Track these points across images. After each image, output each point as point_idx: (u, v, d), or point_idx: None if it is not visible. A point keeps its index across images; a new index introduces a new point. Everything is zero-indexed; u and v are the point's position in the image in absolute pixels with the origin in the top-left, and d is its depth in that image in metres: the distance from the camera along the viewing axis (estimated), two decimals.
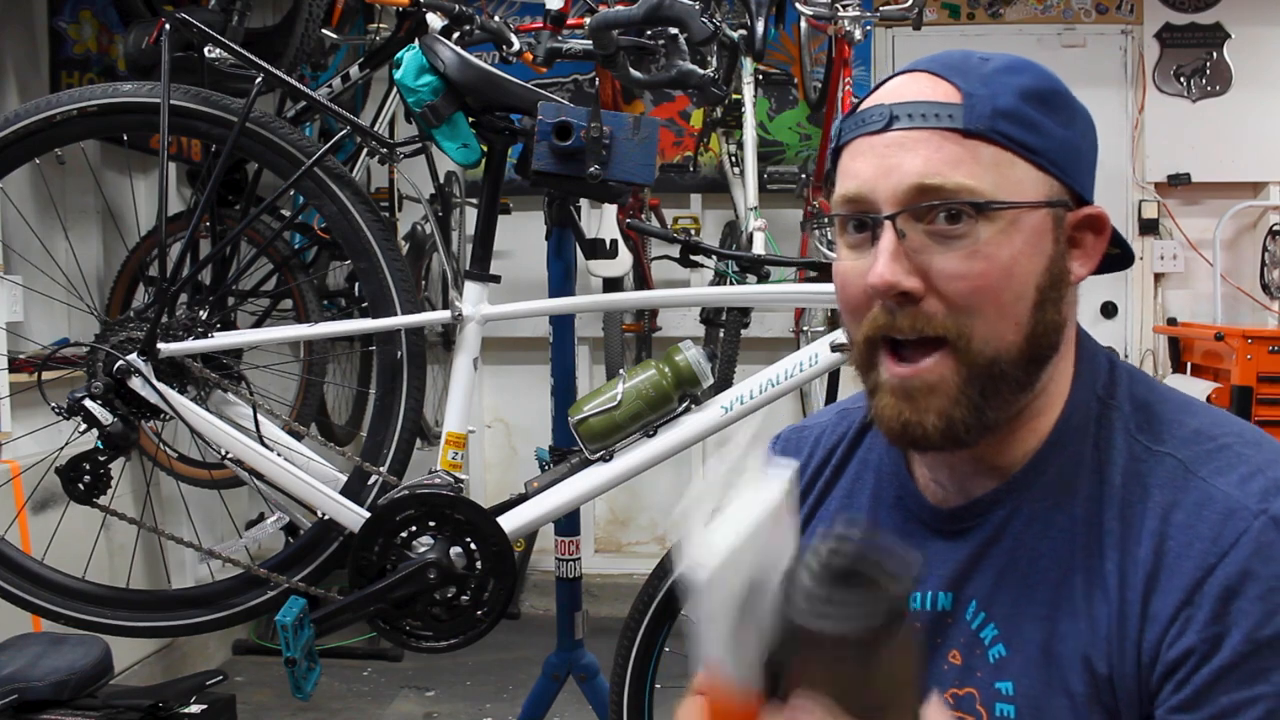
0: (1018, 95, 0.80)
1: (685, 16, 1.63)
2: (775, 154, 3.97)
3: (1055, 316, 0.82)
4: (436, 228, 3.22)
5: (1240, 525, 0.75)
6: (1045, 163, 0.81)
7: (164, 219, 1.85)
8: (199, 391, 1.82)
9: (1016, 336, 0.80)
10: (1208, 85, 3.91)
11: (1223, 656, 0.73)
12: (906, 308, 0.80)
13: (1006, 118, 0.79)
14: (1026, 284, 0.80)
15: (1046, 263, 0.81)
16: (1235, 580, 0.74)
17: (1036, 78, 0.82)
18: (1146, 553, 0.78)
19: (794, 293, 2.09)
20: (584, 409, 1.68)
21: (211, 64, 2.13)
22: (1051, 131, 0.81)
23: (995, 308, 0.79)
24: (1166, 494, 0.78)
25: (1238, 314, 3.92)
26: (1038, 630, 0.81)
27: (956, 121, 0.79)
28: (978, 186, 0.78)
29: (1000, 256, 0.78)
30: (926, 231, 0.79)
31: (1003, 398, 0.81)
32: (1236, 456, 0.78)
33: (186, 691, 2.20)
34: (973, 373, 0.80)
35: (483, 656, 3.26)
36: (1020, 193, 0.79)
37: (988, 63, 0.83)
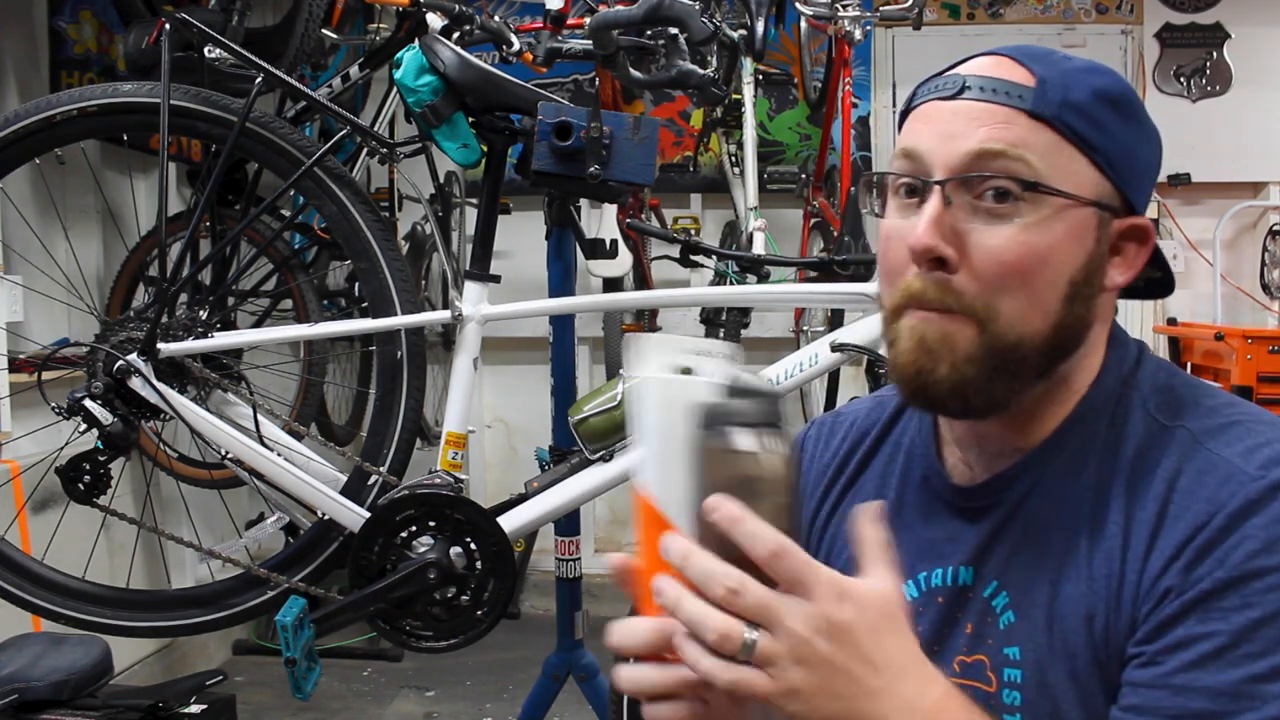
0: (1091, 92, 0.81)
1: (685, 16, 1.63)
2: (775, 154, 3.97)
3: (1084, 314, 0.83)
4: (436, 228, 3.22)
5: (1236, 487, 0.77)
6: (1103, 162, 0.81)
7: (164, 219, 1.85)
8: (199, 391, 1.82)
9: (1043, 324, 0.81)
10: (1208, 85, 3.91)
11: (1188, 595, 0.75)
12: (939, 277, 0.81)
13: (1075, 109, 0.80)
14: (1060, 274, 0.80)
15: (1084, 259, 0.81)
16: (1218, 532, 0.76)
17: (1114, 82, 0.84)
18: (1149, 515, 0.79)
19: (794, 293, 2.09)
20: (584, 409, 1.68)
21: (211, 64, 2.14)
22: (1116, 134, 0.82)
23: (1026, 291, 0.80)
24: (1174, 461, 0.81)
25: (1238, 314, 3.93)
26: (1043, 595, 0.83)
27: (1026, 102, 0.80)
28: (1037, 165, 0.79)
29: (1039, 241, 0.79)
30: (973, 204, 0.80)
31: (1018, 380, 0.82)
32: (1247, 431, 0.80)
33: (186, 691, 2.20)
34: (993, 349, 0.81)
35: (483, 656, 3.25)
36: (1072, 184, 0.80)
37: (1070, 60, 0.85)
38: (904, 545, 0.92)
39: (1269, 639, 0.73)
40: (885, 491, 0.96)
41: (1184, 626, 0.75)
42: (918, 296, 0.82)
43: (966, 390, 0.82)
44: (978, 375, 0.81)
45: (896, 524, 0.93)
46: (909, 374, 0.83)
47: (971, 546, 0.89)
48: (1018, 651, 0.84)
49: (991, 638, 0.86)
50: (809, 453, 1.05)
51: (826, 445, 1.03)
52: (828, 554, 0.99)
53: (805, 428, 1.08)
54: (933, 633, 0.91)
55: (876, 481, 0.98)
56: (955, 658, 0.89)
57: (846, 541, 0.95)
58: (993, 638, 0.86)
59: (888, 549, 0.69)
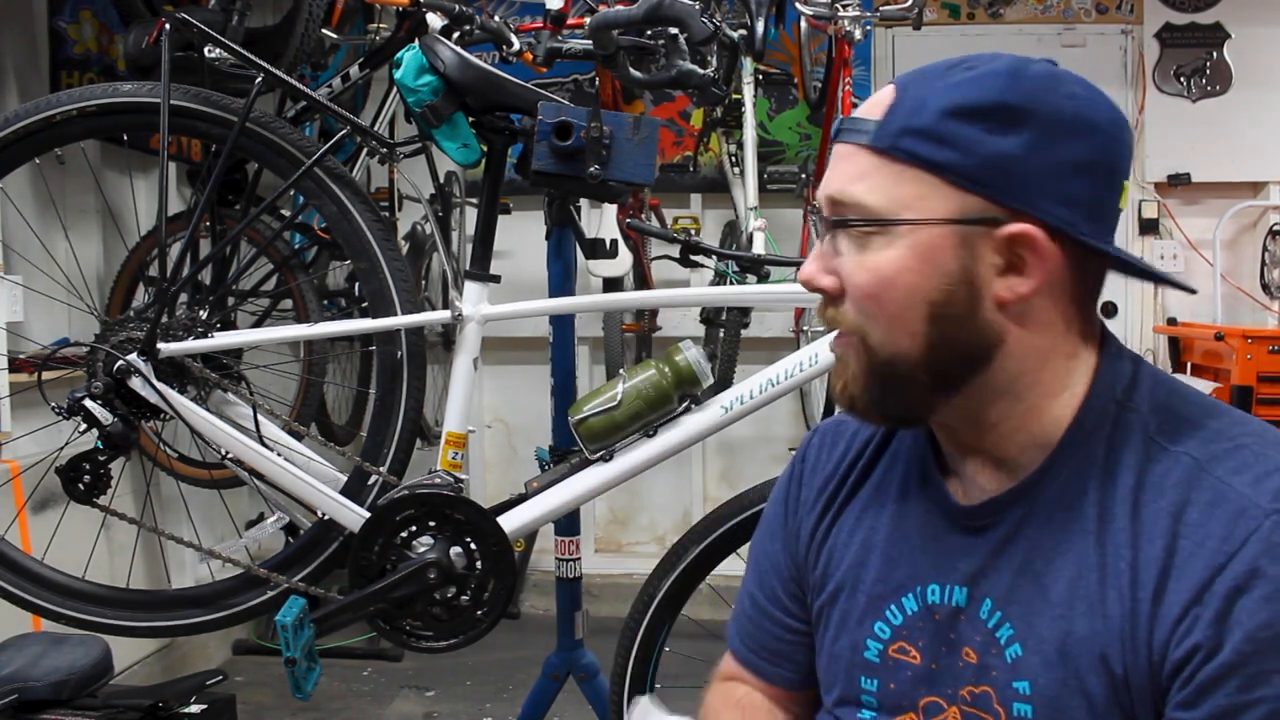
0: (943, 111, 0.81)
1: (685, 16, 1.62)
2: (775, 154, 3.97)
3: (962, 334, 0.83)
4: (436, 228, 3.22)
5: (1251, 524, 0.75)
6: (958, 179, 0.81)
7: (164, 219, 1.85)
8: (199, 391, 1.82)
9: (911, 344, 0.84)
10: (1208, 85, 3.91)
11: (1225, 655, 0.73)
12: (830, 305, 0.89)
13: (915, 134, 0.82)
14: (914, 297, 0.83)
15: (941, 279, 0.82)
16: (1243, 579, 0.74)
17: (985, 92, 0.81)
18: (1158, 551, 0.78)
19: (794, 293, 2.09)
20: (584, 409, 1.68)
21: (211, 64, 2.13)
22: (975, 148, 0.81)
23: (884, 316, 0.84)
24: (1180, 492, 0.79)
25: (1238, 314, 3.92)
26: (1053, 630, 0.82)
27: (868, 137, 0.84)
28: (868, 202, 0.83)
29: (884, 268, 0.83)
30: (845, 237, 0.86)
31: (909, 395, 0.87)
32: (1254, 456, 0.79)
33: (186, 691, 2.20)
34: (872, 367, 0.87)
35: (483, 656, 3.25)
36: (917, 209, 0.82)
37: (950, 75, 0.83)
38: (905, 558, 0.92)
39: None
40: (884, 502, 0.97)
41: (1225, 694, 0.73)
42: (823, 319, 0.91)
43: (859, 403, 0.89)
44: (865, 390, 0.88)
45: (896, 536, 0.94)
46: (832, 389, 0.91)
47: (968, 566, 0.88)
48: (1028, 686, 0.83)
49: (997, 670, 0.85)
50: (810, 461, 1.06)
51: (829, 455, 1.04)
52: (825, 565, 1.00)
53: (809, 435, 1.10)
54: (930, 652, 0.90)
55: (874, 492, 0.98)
56: (963, 688, 0.88)
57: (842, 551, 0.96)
58: (998, 670, 0.85)
59: None
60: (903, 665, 0.92)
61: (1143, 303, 3.98)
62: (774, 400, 1.70)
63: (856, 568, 0.96)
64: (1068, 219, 0.81)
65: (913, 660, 0.91)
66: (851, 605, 0.96)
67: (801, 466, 1.07)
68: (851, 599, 0.96)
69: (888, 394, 0.87)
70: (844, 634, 0.96)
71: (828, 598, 0.99)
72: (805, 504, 1.04)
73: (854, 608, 0.96)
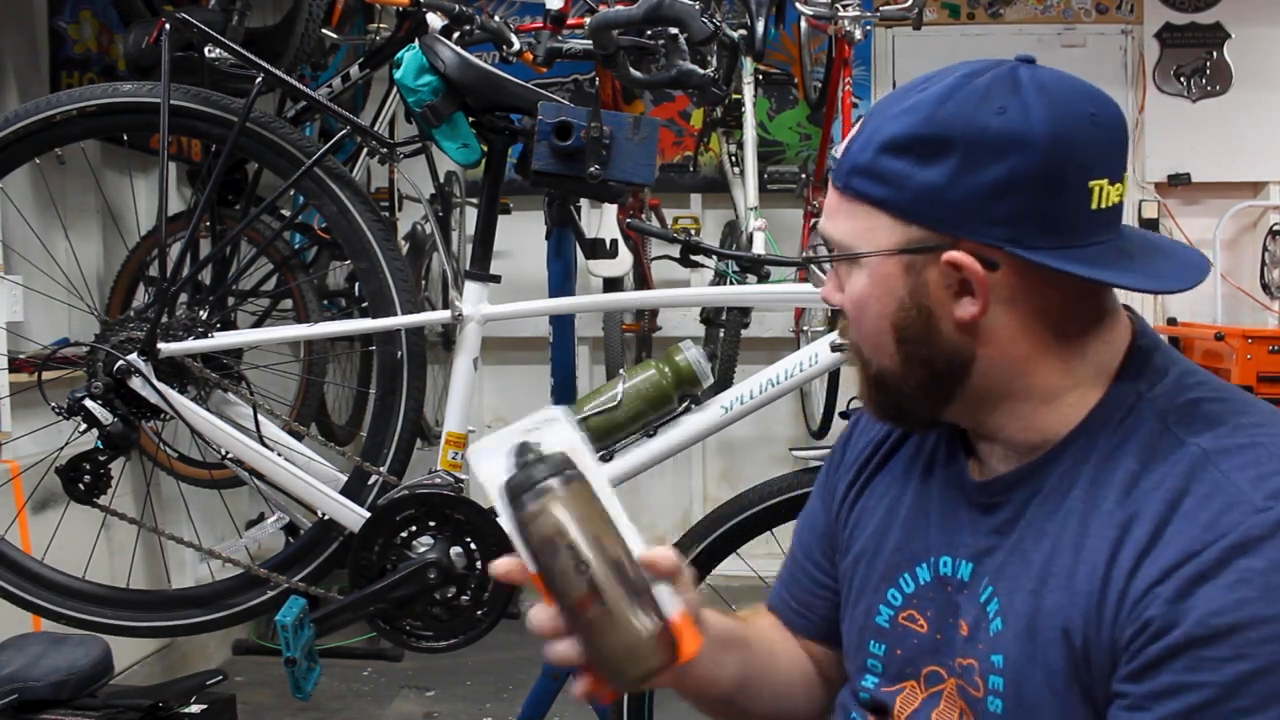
0: (879, 147, 0.85)
1: (685, 16, 1.62)
2: (775, 154, 3.97)
3: (929, 352, 0.87)
4: (436, 228, 3.22)
5: (1236, 518, 0.75)
6: (897, 213, 0.85)
7: (164, 219, 1.85)
8: (199, 391, 1.82)
9: (891, 362, 0.90)
10: (1208, 85, 3.91)
11: (1175, 635, 0.74)
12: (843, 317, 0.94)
13: (859, 173, 0.87)
14: (881, 319, 0.89)
15: (897, 305, 0.87)
16: (1210, 566, 0.74)
17: (913, 125, 0.83)
18: (1143, 533, 0.78)
19: (794, 293, 2.09)
20: (584, 409, 1.68)
21: (211, 64, 2.13)
22: (907, 181, 0.83)
23: (865, 335, 0.91)
24: (1181, 481, 0.79)
25: (1238, 314, 3.93)
26: (1026, 605, 0.84)
27: (835, 176, 0.91)
28: (834, 237, 0.90)
29: (856, 294, 0.90)
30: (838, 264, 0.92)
31: (907, 403, 0.92)
32: (1267, 455, 0.78)
33: (186, 691, 2.20)
34: (869, 380, 0.94)
35: (483, 656, 3.25)
36: (870, 241, 0.87)
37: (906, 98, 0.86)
38: (923, 530, 0.96)
39: (1261, 693, 0.71)
40: (912, 474, 1.01)
41: (1171, 672, 0.74)
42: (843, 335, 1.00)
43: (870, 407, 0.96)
44: (870, 398, 0.95)
45: (918, 508, 0.98)
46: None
47: (976, 542, 0.91)
48: (1001, 660, 0.85)
49: (982, 643, 0.87)
50: (861, 425, 1.11)
51: (865, 432, 1.09)
52: (853, 527, 1.04)
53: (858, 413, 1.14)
54: (936, 622, 0.93)
55: (902, 467, 1.02)
56: (955, 659, 0.90)
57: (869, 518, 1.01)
58: (983, 643, 0.87)
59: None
60: (910, 633, 0.94)
61: (1142, 302, 3.97)
62: (774, 400, 1.70)
63: (879, 535, 1.00)
64: (1008, 236, 0.82)
65: (920, 629, 0.94)
66: (871, 571, 1.00)
67: (854, 429, 1.12)
68: (871, 565, 1.00)
69: (887, 401, 0.94)
70: (862, 598, 1.00)
71: (852, 560, 1.03)
72: (846, 465, 1.08)
73: (873, 574, 0.99)
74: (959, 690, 0.90)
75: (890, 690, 0.95)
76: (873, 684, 0.97)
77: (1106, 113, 0.84)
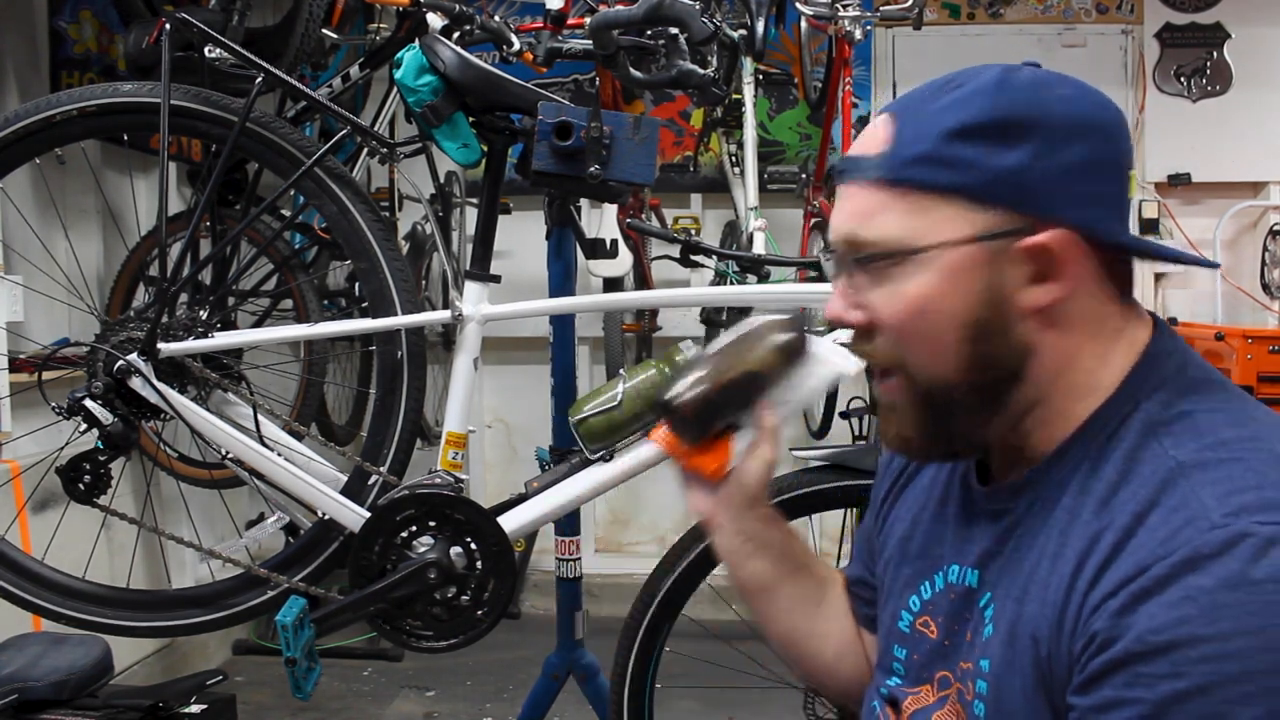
0: (945, 135, 0.82)
1: (685, 16, 1.62)
2: (775, 154, 3.97)
3: (998, 350, 0.84)
4: (436, 228, 3.22)
5: (1192, 534, 0.73)
6: (973, 199, 0.82)
7: (164, 219, 1.85)
8: (199, 391, 1.81)
9: (949, 369, 0.85)
10: (1208, 85, 3.91)
11: (1115, 650, 0.73)
12: (863, 338, 0.89)
13: (920, 162, 0.83)
14: (949, 320, 0.84)
15: (972, 299, 0.83)
16: (1156, 581, 0.72)
17: (981, 111, 0.82)
18: (1107, 545, 0.77)
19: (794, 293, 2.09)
20: (584, 409, 1.68)
21: (211, 64, 2.13)
22: (983, 165, 0.81)
23: (920, 343, 0.85)
24: (1151, 493, 0.77)
25: (1238, 314, 3.93)
26: (1012, 612, 0.84)
27: (878, 172, 0.85)
28: (888, 236, 0.84)
29: (915, 296, 0.84)
30: (866, 273, 0.86)
31: (960, 419, 0.88)
32: (1244, 470, 0.76)
33: (186, 691, 2.20)
34: (919, 398, 0.88)
35: (483, 656, 3.25)
36: (937, 234, 0.83)
37: (939, 99, 0.84)
38: (945, 540, 0.97)
39: (1195, 714, 0.69)
40: (934, 488, 1.01)
41: (1110, 686, 0.73)
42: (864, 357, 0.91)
43: (912, 448, 0.91)
44: (918, 426, 0.89)
45: (939, 519, 0.98)
46: (883, 436, 0.93)
47: (981, 549, 0.91)
48: (988, 664, 0.85)
49: (977, 648, 0.88)
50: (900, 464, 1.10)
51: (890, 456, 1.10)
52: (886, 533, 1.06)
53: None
54: (945, 629, 0.93)
55: (930, 476, 1.03)
56: (959, 664, 0.90)
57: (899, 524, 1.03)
58: (978, 648, 0.87)
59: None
60: (924, 638, 0.95)
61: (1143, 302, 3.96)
62: None
63: (904, 541, 1.01)
64: (1088, 218, 0.82)
65: (931, 635, 0.94)
66: (897, 576, 1.01)
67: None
68: (898, 571, 1.01)
69: (940, 423, 0.88)
70: (889, 602, 1.01)
71: (883, 565, 1.05)
72: (890, 471, 1.09)
73: (899, 579, 1.00)
74: (958, 694, 0.90)
75: (908, 690, 0.96)
76: (895, 684, 0.98)
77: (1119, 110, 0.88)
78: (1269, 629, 0.68)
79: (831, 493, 1.71)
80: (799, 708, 1.83)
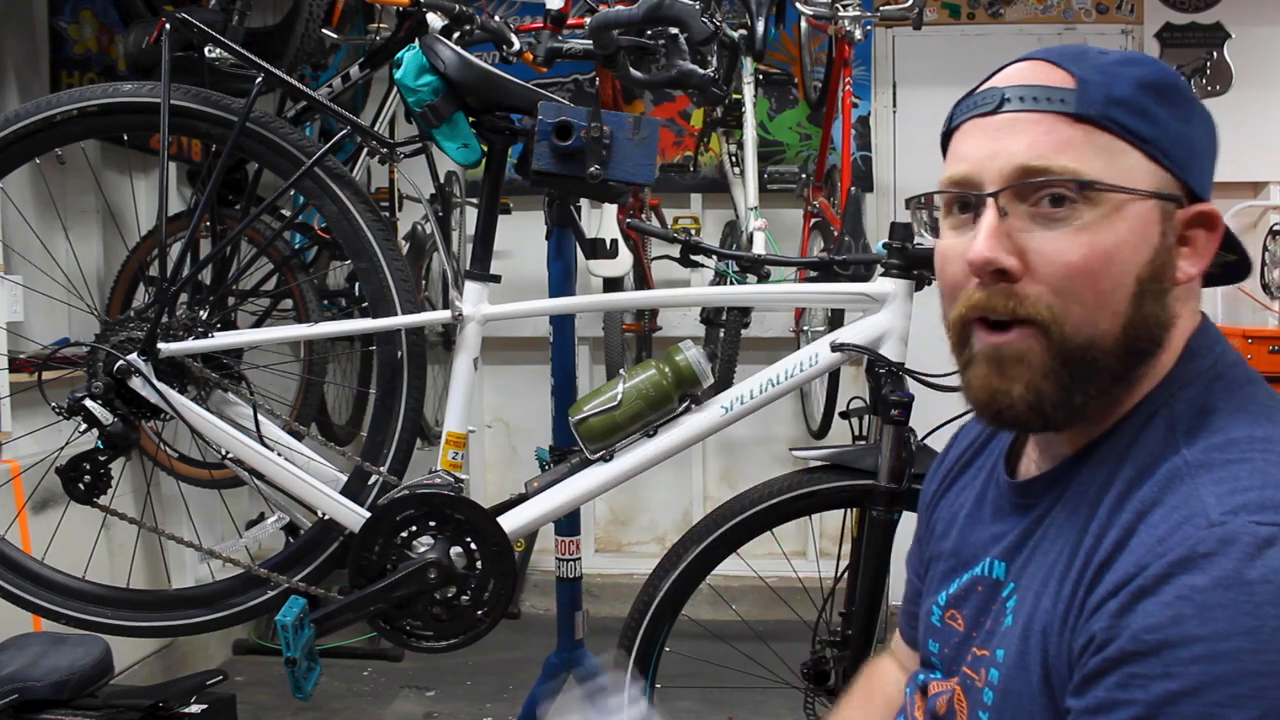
0: (1134, 84, 0.81)
1: (685, 16, 1.62)
2: (775, 154, 3.97)
3: (1157, 311, 0.81)
4: (436, 228, 3.22)
5: (1189, 532, 0.72)
6: (1158, 154, 0.81)
7: (164, 219, 1.85)
8: (199, 391, 1.82)
9: (1112, 325, 0.80)
10: (1208, 85, 3.91)
11: (1110, 650, 0.72)
12: (1003, 287, 0.81)
13: (1120, 105, 0.80)
14: (1127, 273, 0.79)
15: (1150, 254, 0.80)
16: (1153, 581, 0.72)
17: (1156, 71, 0.83)
18: (1111, 543, 0.77)
19: (794, 293, 2.09)
20: (584, 409, 1.68)
21: (212, 64, 2.13)
22: (1167, 124, 0.81)
23: (1093, 293, 0.79)
24: (1156, 492, 0.76)
25: (1238, 314, 3.92)
26: (1030, 605, 0.84)
27: (1069, 105, 0.80)
28: (1084, 170, 0.78)
29: (1102, 241, 0.78)
30: (1029, 212, 0.80)
31: (1094, 385, 0.81)
32: (1250, 471, 0.74)
33: (186, 691, 2.21)
34: (1064, 356, 0.80)
35: (483, 656, 3.26)
36: (1130, 180, 0.79)
37: (1105, 55, 0.84)
38: (977, 535, 0.97)
39: (1188, 715, 0.68)
40: (976, 479, 1.01)
41: (1104, 688, 0.72)
42: (981, 306, 0.82)
43: (1044, 405, 0.82)
44: (1054, 387, 0.81)
45: (975, 515, 0.99)
46: (982, 397, 0.84)
47: (1009, 542, 0.91)
48: (1002, 654, 0.85)
49: (995, 636, 0.88)
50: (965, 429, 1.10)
51: (957, 444, 1.10)
52: (931, 530, 1.06)
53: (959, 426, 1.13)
54: (971, 619, 0.94)
55: (973, 476, 1.02)
56: (974, 649, 0.91)
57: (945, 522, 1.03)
58: (995, 636, 0.88)
59: None
60: (953, 631, 0.95)
61: None
62: (774, 400, 1.70)
63: (942, 539, 1.02)
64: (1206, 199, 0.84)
65: (958, 627, 0.95)
66: (935, 572, 1.01)
67: (959, 433, 1.11)
68: (936, 567, 1.01)
69: (1077, 385, 0.81)
70: (926, 599, 1.02)
71: (927, 563, 1.05)
72: (940, 469, 1.09)
73: (936, 574, 1.01)
74: (968, 679, 0.90)
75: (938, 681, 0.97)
76: (936, 678, 0.98)
77: None
78: (1263, 629, 0.67)
79: (831, 493, 1.70)
80: (799, 708, 1.82)
